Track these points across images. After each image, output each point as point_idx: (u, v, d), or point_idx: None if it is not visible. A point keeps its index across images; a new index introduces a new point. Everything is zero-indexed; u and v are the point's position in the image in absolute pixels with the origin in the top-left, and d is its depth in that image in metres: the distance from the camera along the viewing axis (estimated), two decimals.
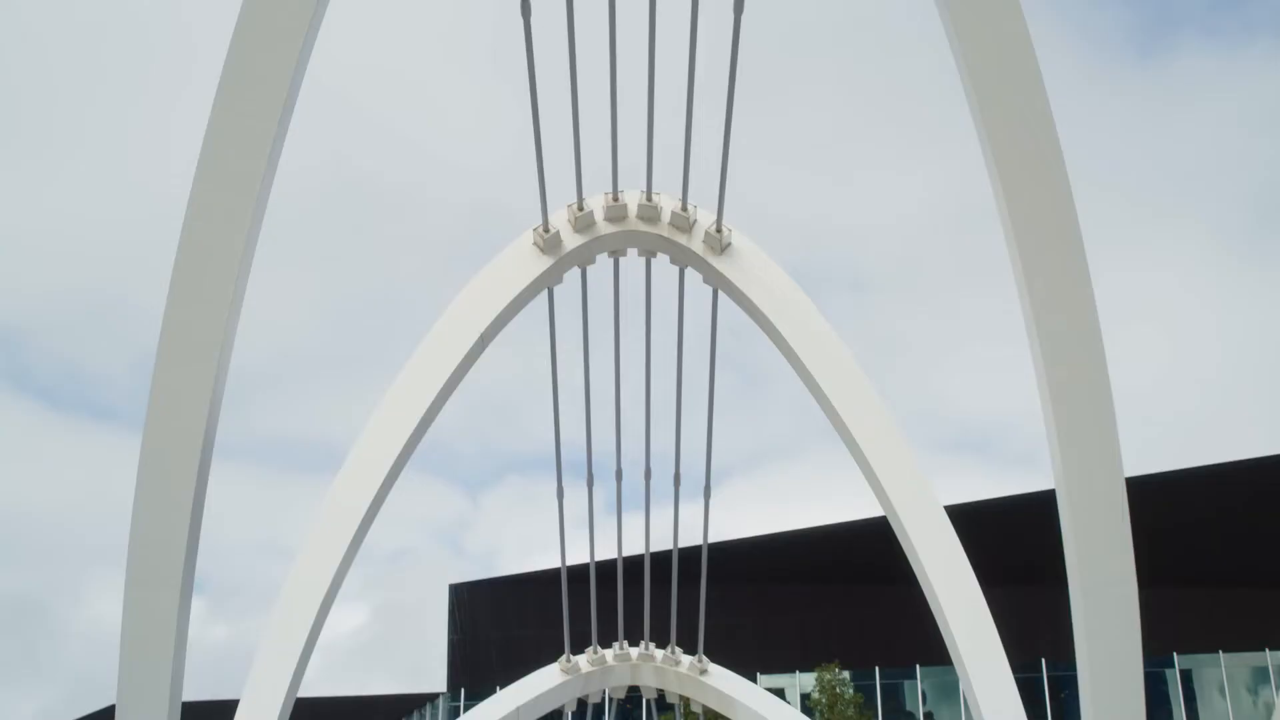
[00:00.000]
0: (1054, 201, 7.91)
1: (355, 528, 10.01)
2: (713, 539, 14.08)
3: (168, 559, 8.53)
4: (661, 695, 14.90)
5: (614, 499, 13.27)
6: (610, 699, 15.21)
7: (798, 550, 47.66)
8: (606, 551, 13.51)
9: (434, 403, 10.53)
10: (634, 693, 15.03)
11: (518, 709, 13.58)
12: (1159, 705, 49.66)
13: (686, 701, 14.74)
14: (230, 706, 10.03)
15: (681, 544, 13.67)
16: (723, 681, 14.44)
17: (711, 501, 13.20)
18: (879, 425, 11.25)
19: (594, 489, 13.00)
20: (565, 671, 14.07)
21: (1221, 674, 47.70)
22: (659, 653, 14.49)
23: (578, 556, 13.61)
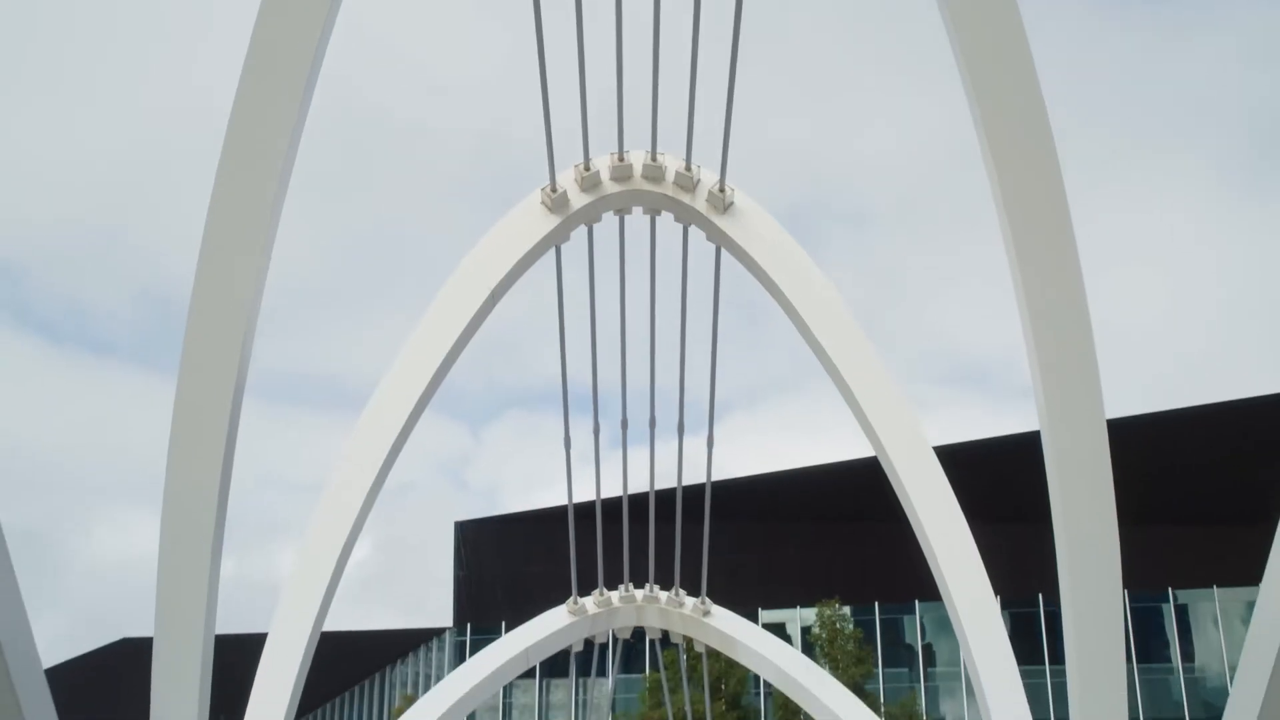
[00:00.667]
0: (1034, 143, 8.21)
1: (375, 474, 10.45)
2: (716, 477, 14.50)
3: (202, 495, 8.87)
4: (665, 635, 15.40)
5: (617, 439, 13.68)
6: (616, 639, 15.71)
7: (799, 488, 48.30)
8: (611, 489, 13.97)
9: (447, 357, 10.90)
10: (639, 633, 15.55)
11: (526, 650, 14.06)
12: (1155, 637, 50.55)
13: (690, 641, 15.23)
14: (248, 641, 10.49)
15: (685, 483, 14.07)
16: (725, 622, 14.92)
17: (714, 438, 13.63)
18: (874, 377, 11.62)
19: (599, 431, 13.37)
20: (572, 613, 14.54)
21: (1215, 608, 48.52)
22: (663, 595, 14.97)
23: (583, 494, 14.02)
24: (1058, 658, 44.87)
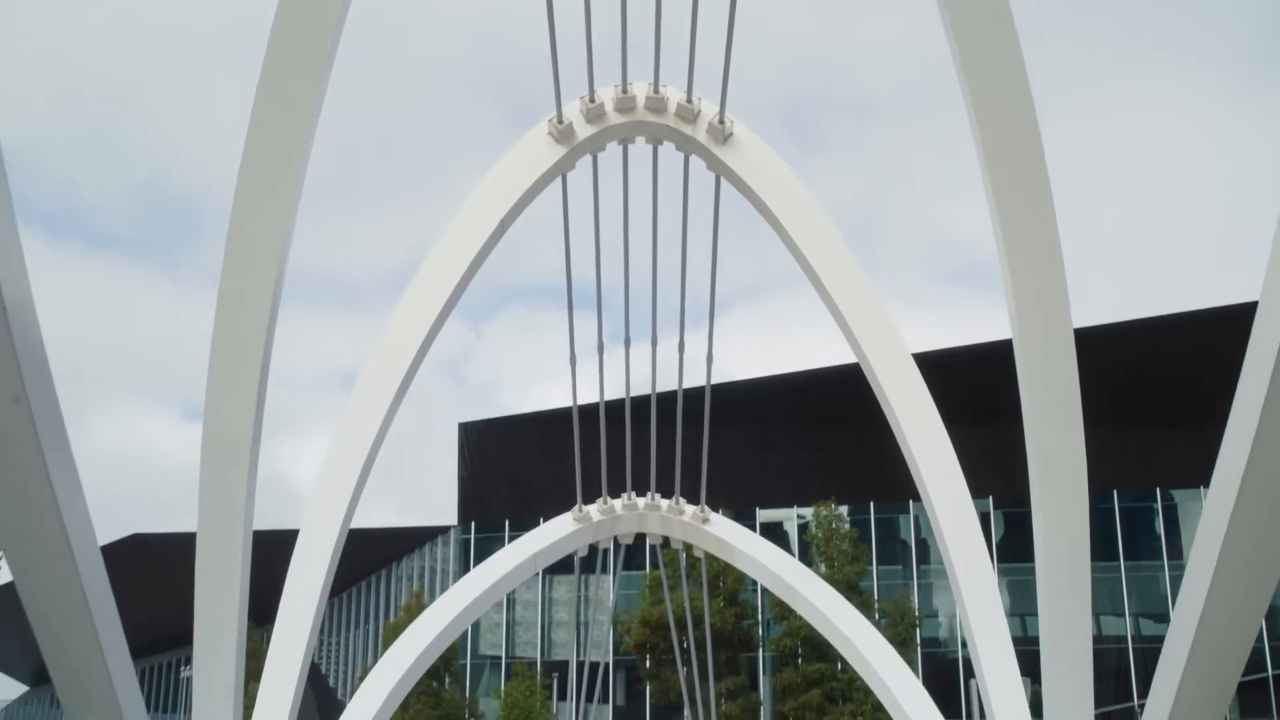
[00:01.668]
0: (1002, 51, 8.72)
1: (393, 395, 11.08)
2: (716, 380, 15.11)
3: (244, 392, 9.45)
4: (666, 541, 16.15)
5: (618, 342, 14.28)
6: (618, 545, 16.50)
7: (796, 391, 49.02)
8: (614, 391, 14.59)
9: (458, 285, 11.45)
10: (640, 538, 16.30)
11: (534, 555, 14.77)
12: (1145, 534, 51.70)
13: (689, 547, 15.98)
14: (260, 537, 11.08)
15: (685, 385, 14.65)
16: (722, 529, 15.66)
17: (714, 334, 14.19)
18: (861, 296, 12.23)
19: (602, 349, 13.90)
20: (577, 520, 15.25)
21: (1202, 507, 49.57)
22: (664, 502, 15.68)
23: (585, 396, 14.60)
24: None
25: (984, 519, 47.78)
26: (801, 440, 50.10)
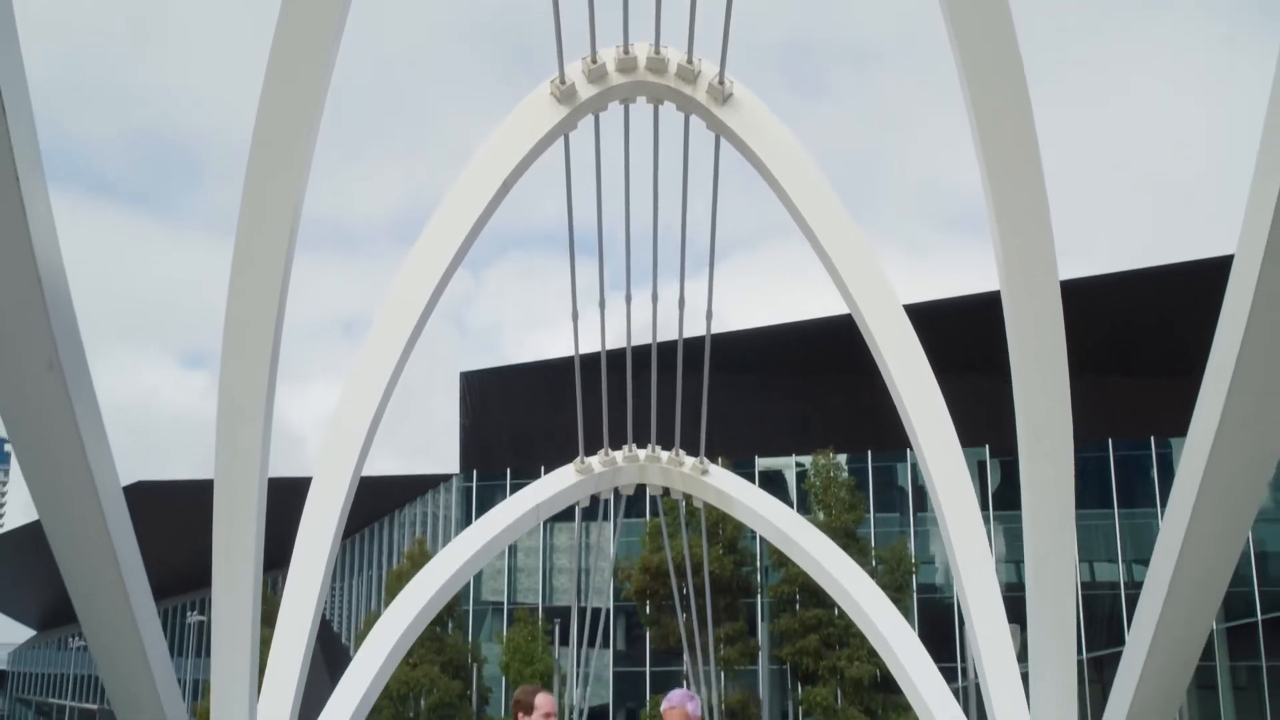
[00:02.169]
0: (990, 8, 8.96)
1: (396, 361, 11.34)
2: (716, 330, 15.40)
3: (260, 337, 9.75)
4: (666, 492, 16.50)
5: (619, 290, 14.56)
6: (619, 495, 16.87)
7: (795, 341, 49.31)
8: (615, 341, 14.87)
9: (463, 244, 11.71)
10: (641, 489, 16.66)
11: (537, 506, 15.09)
12: (1140, 480, 52.22)
13: (689, 498, 16.35)
14: (272, 484, 11.40)
15: (686, 335, 14.95)
16: (722, 481, 16.01)
17: (715, 283, 14.47)
18: (856, 250, 12.52)
19: (604, 297, 14.17)
20: (579, 472, 15.57)
21: None
22: (664, 454, 16.01)
23: (585, 345, 14.88)
24: None
25: (980, 468, 48.26)
26: (800, 389, 50.48)
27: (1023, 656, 12.20)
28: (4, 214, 5.04)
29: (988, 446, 46.98)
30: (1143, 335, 43.70)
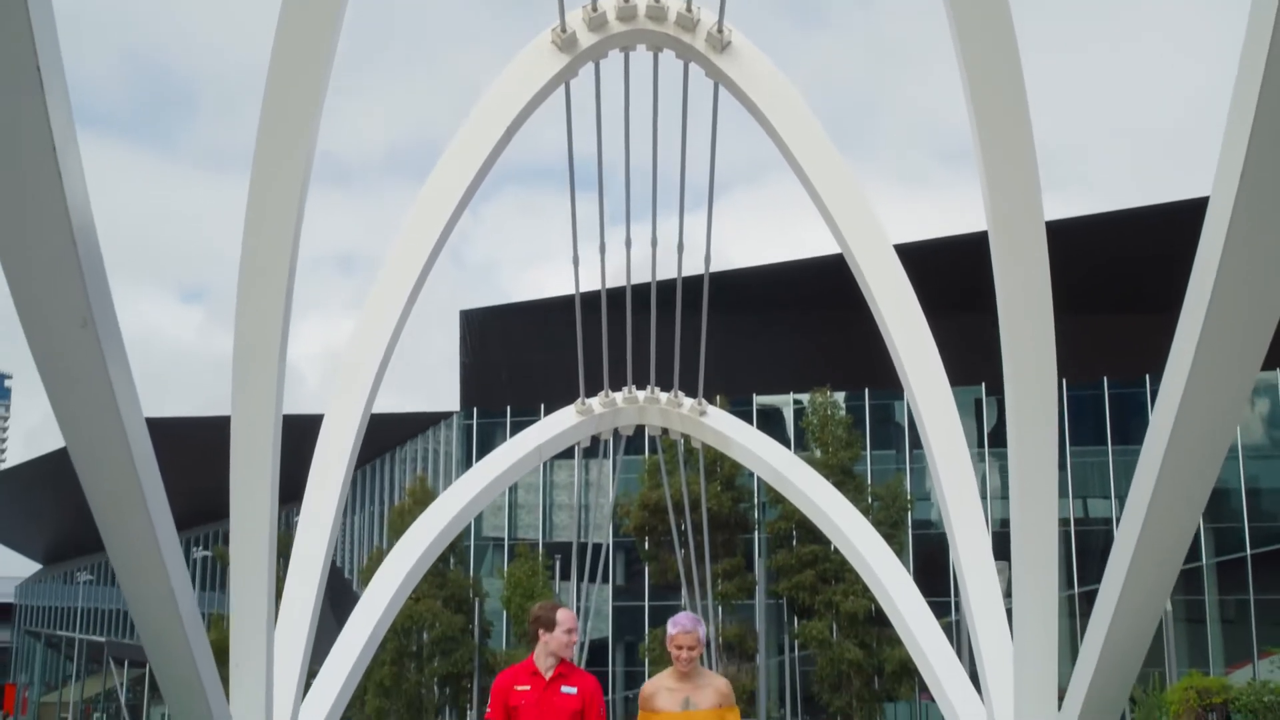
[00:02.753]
0: None
1: (401, 309, 11.67)
2: (716, 268, 15.67)
3: (275, 273, 10.05)
4: (665, 432, 16.89)
5: (619, 225, 14.83)
6: (619, 436, 17.25)
7: (794, 278, 49.53)
8: (614, 280, 15.16)
9: (467, 191, 12.01)
10: (640, 429, 17.05)
11: (539, 447, 15.48)
12: (1133, 417, 52.63)
13: (687, 439, 16.72)
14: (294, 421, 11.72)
15: (685, 273, 15.22)
16: (720, 422, 16.38)
17: (714, 219, 14.74)
18: (852, 196, 12.81)
19: (604, 242, 14.46)
20: (580, 413, 15.94)
21: None
22: (663, 395, 16.37)
23: (584, 284, 15.16)
24: None
25: (976, 405, 48.74)
26: (799, 327, 50.79)
27: (1010, 593, 12.61)
28: (43, 184, 5.35)
29: (984, 384, 47.40)
30: (1138, 274, 43.96)
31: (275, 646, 10.83)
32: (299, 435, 11.63)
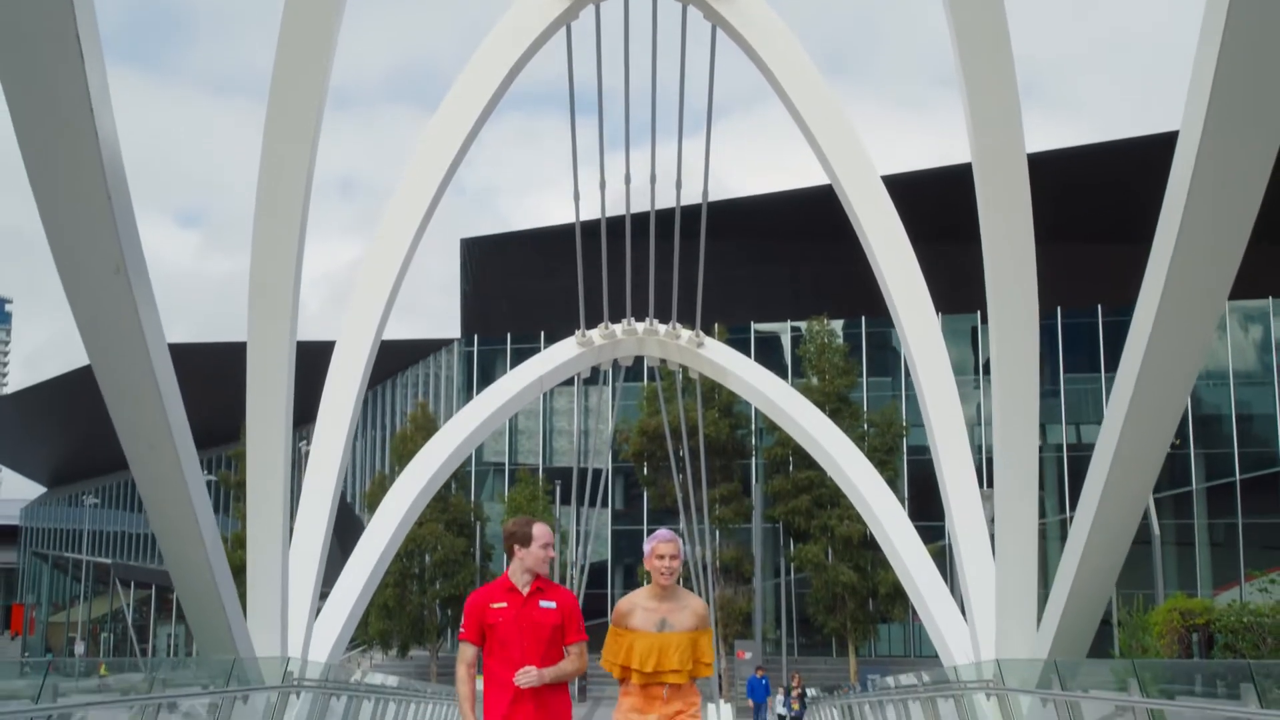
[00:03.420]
0: None
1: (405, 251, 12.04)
2: (715, 196, 15.95)
3: (292, 200, 10.41)
4: (663, 363, 17.30)
5: (617, 165, 15.11)
6: (618, 366, 17.67)
7: (793, 206, 49.63)
8: (614, 209, 15.44)
9: (472, 129, 12.33)
10: (639, 360, 17.44)
11: (540, 378, 15.92)
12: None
13: (685, 369, 17.13)
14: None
15: (684, 201, 15.48)
16: (717, 353, 16.81)
17: (713, 143, 15.02)
18: (842, 130, 13.13)
19: (604, 178, 14.76)
20: (580, 345, 16.35)
21: None
22: (662, 328, 16.77)
23: (586, 213, 15.44)
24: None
25: (972, 334, 49.13)
26: (797, 255, 50.95)
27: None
28: (81, 144, 5.73)
29: (979, 313, 47.77)
30: (1137, 204, 44.13)
31: (290, 567, 11.37)
32: (301, 361, 11.99)
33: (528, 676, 5.02)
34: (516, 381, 15.85)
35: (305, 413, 13.14)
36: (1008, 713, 10.88)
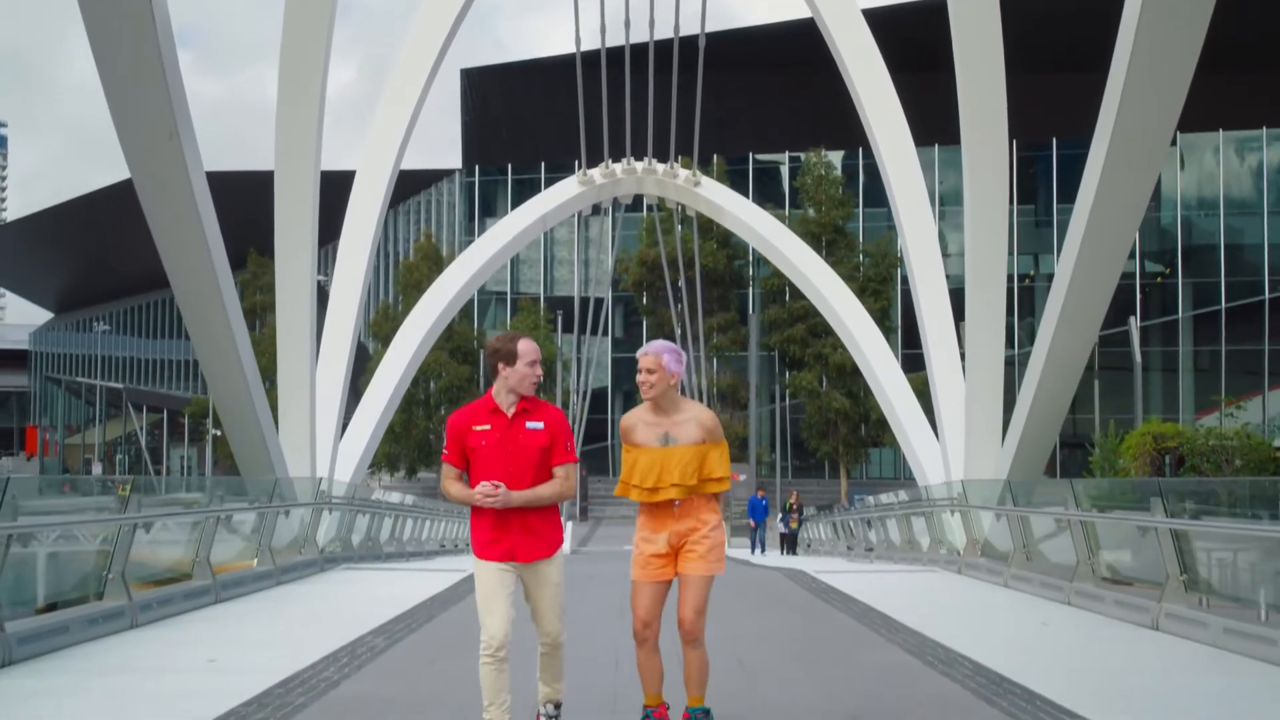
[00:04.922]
0: None
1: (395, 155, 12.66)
2: (714, 26, 16.30)
3: (311, 67, 11.04)
4: (661, 202, 17.99)
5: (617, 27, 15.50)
6: (618, 203, 18.38)
7: (792, 37, 49.29)
8: (614, 39, 15.79)
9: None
10: (638, 198, 18.12)
11: (543, 216, 16.64)
12: None
13: (683, 207, 17.84)
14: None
15: (683, 32, 15.87)
16: (713, 193, 17.50)
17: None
18: None
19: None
20: (581, 184, 17.03)
21: (1177, 153, 50.95)
22: (660, 166, 17.41)
23: (586, 43, 15.83)
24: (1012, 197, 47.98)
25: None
26: (797, 87, 50.79)
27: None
28: (139, 17, 6.43)
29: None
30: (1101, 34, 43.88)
31: (317, 386, 12.36)
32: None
33: (493, 497, 4.60)
34: (521, 219, 16.58)
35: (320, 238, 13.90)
36: (969, 526, 11.97)
